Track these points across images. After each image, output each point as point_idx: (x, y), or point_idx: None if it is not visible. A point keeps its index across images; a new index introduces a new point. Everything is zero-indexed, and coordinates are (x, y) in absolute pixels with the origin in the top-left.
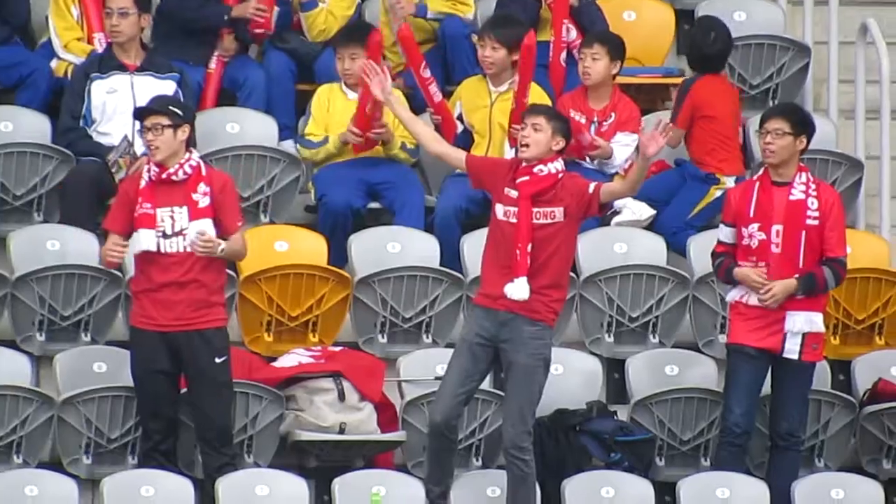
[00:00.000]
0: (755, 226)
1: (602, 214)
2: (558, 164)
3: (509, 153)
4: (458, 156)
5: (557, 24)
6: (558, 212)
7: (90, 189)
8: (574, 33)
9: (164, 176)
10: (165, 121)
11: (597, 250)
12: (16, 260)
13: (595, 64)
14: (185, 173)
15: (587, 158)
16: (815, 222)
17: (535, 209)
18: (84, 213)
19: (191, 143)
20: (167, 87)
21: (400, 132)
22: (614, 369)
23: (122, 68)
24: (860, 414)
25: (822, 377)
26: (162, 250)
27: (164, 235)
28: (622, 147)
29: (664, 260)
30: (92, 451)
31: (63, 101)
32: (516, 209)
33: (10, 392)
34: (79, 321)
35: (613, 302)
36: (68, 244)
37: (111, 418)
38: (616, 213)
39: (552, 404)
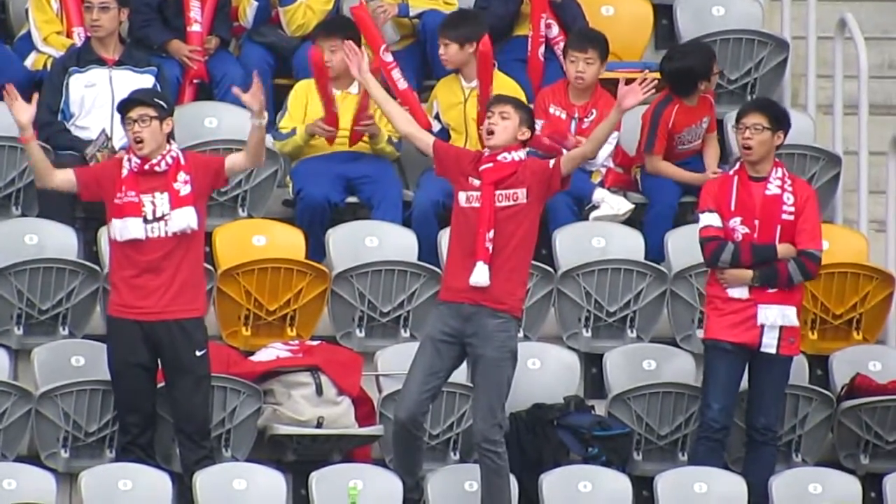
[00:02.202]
0: (737, 219)
1: (566, 188)
2: (521, 154)
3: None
4: (426, 140)
5: (536, 19)
6: (521, 193)
7: None
8: (556, 29)
9: (146, 167)
10: (152, 112)
11: (575, 245)
12: None
13: (589, 68)
14: (166, 164)
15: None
16: (791, 217)
17: (498, 191)
18: (62, 207)
19: (171, 135)
20: (145, 80)
21: (385, 124)
22: (592, 364)
23: (101, 62)
24: (838, 409)
25: (799, 372)
26: (142, 237)
27: (146, 220)
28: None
29: (642, 255)
30: (70, 444)
31: (41, 96)
32: (479, 194)
33: None
34: (57, 315)
35: (591, 296)
36: (46, 238)
37: (89, 412)
38: (595, 207)
39: (529, 399)
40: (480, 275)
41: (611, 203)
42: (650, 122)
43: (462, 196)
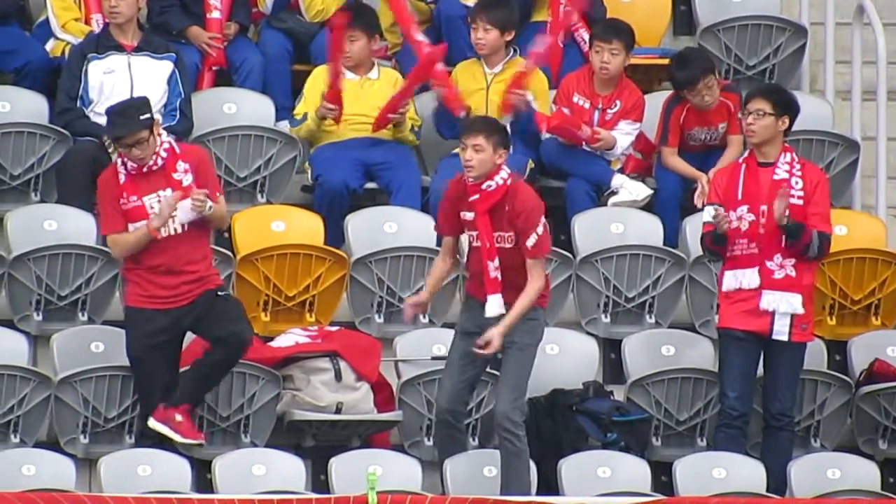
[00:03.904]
0: (744, 208)
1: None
2: (503, 174)
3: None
4: (442, 255)
5: (555, 6)
6: (511, 236)
7: (87, 169)
8: (575, 16)
9: (144, 170)
10: (146, 133)
11: (593, 231)
12: (13, 240)
13: (614, 59)
14: (161, 160)
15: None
16: (800, 202)
17: (496, 233)
18: (81, 193)
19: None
20: (164, 67)
21: (410, 115)
22: (611, 349)
23: (120, 49)
24: (856, 394)
25: (818, 357)
26: (156, 237)
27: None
28: (624, 135)
29: (661, 240)
30: (89, 430)
31: (60, 82)
32: (477, 232)
33: (7, 372)
34: (76, 301)
35: (610, 282)
36: (65, 224)
37: (108, 398)
38: (613, 193)
39: (548, 384)
40: (494, 306)
41: (630, 189)
42: (662, 117)
43: (464, 237)
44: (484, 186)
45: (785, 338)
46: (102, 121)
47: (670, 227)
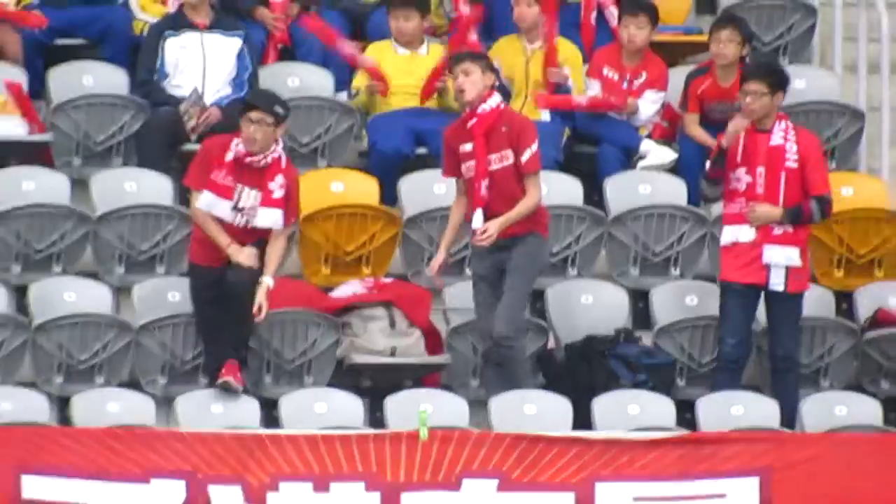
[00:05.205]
0: (742, 170)
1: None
2: (496, 98)
3: (544, 113)
4: (456, 199)
5: None
6: (509, 153)
7: (164, 136)
8: None
9: (247, 160)
10: (269, 119)
11: (624, 192)
12: (98, 200)
13: (640, 32)
14: (266, 163)
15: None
16: (795, 165)
17: (495, 153)
18: (159, 158)
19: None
20: (234, 44)
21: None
22: (639, 299)
23: (193, 27)
24: (861, 339)
25: (827, 306)
26: (228, 220)
27: (234, 207)
28: (650, 104)
29: (685, 200)
30: (167, 372)
31: (139, 57)
32: (472, 162)
33: (92, 319)
34: (154, 255)
35: (639, 239)
36: (144, 185)
37: (184, 343)
38: (642, 157)
39: (583, 331)
40: (479, 219)
41: (656, 153)
42: (684, 87)
43: (463, 168)
44: (479, 110)
45: (781, 289)
46: (178, 92)
47: (693, 188)
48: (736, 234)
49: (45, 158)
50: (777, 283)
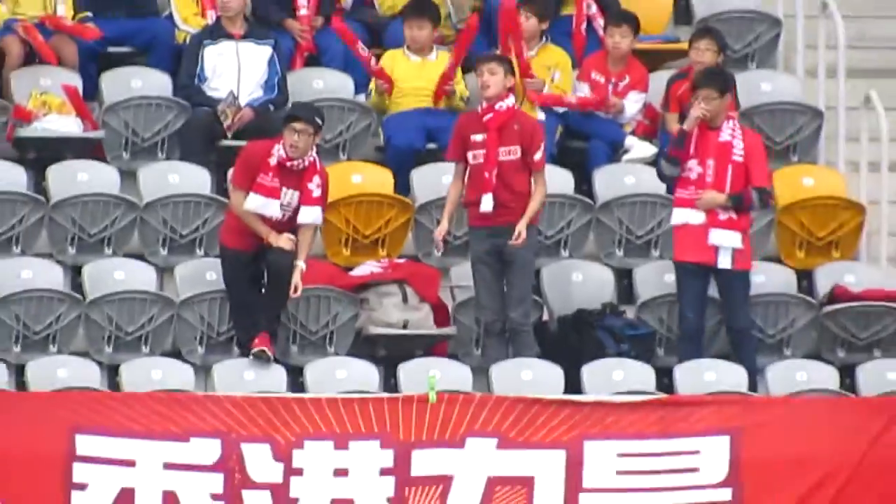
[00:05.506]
0: (694, 161)
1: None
2: (512, 99)
3: (539, 113)
4: (454, 180)
5: (579, 1)
6: (517, 149)
7: (203, 133)
8: (594, 7)
9: (288, 164)
10: (311, 129)
11: (610, 181)
12: (144, 190)
13: (624, 41)
14: (304, 166)
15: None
16: (740, 159)
17: (504, 147)
18: (198, 152)
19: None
20: (265, 51)
21: (460, 89)
22: (623, 277)
23: (229, 36)
24: (820, 313)
25: (789, 283)
26: (276, 217)
27: (281, 206)
28: (633, 103)
29: (664, 190)
30: (205, 343)
31: (181, 63)
32: (484, 151)
33: (139, 296)
34: (193, 239)
35: (623, 223)
36: (186, 177)
37: (220, 317)
38: (626, 151)
39: (574, 305)
40: (488, 203)
41: (639, 148)
42: (665, 89)
43: (470, 155)
44: (496, 107)
45: (729, 266)
46: (215, 94)
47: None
48: (686, 216)
49: (97, 153)
50: (724, 261)
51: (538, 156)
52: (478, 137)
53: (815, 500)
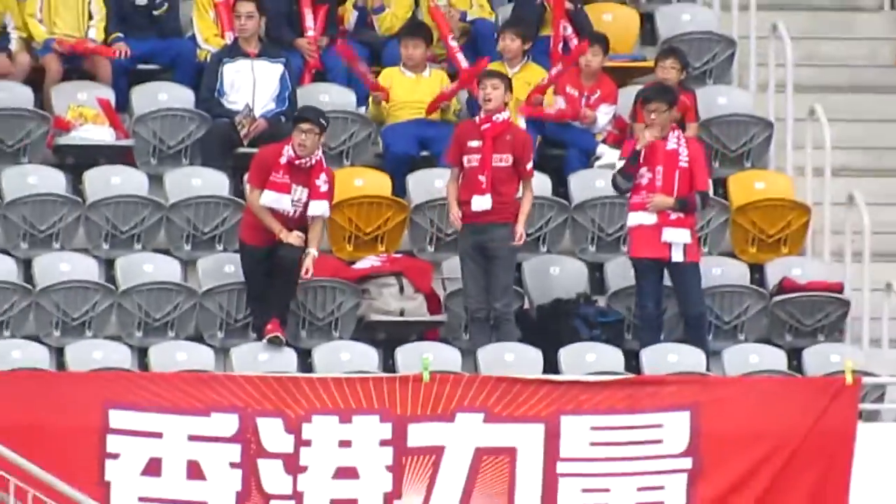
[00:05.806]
0: (644, 169)
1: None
2: (507, 113)
3: (521, 122)
4: (452, 182)
5: (556, 23)
6: (508, 157)
7: (222, 141)
8: (570, 30)
9: (296, 163)
10: (317, 129)
11: (584, 185)
12: (169, 192)
13: (595, 59)
14: (310, 164)
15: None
16: (685, 164)
17: (498, 154)
18: (218, 158)
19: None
20: (277, 68)
21: (452, 103)
22: (596, 270)
23: (245, 55)
24: (771, 302)
25: (743, 276)
26: (287, 211)
27: (293, 201)
28: (604, 115)
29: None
30: (224, 328)
31: (203, 79)
32: (479, 156)
33: (165, 286)
34: (214, 235)
35: (595, 222)
36: (207, 180)
37: (237, 305)
38: (598, 158)
39: (551, 295)
40: (481, 203)
41: (609, 155)
42: (634, 102)
43: (465, 159)
44: (494, 118)
45: (681, 259)
46: (233, 107)
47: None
48: (640, 218)
49: (128, 159)
50: (677, 255)
51: (529, 165)
52: (474, 143)
53: (766, 468)
